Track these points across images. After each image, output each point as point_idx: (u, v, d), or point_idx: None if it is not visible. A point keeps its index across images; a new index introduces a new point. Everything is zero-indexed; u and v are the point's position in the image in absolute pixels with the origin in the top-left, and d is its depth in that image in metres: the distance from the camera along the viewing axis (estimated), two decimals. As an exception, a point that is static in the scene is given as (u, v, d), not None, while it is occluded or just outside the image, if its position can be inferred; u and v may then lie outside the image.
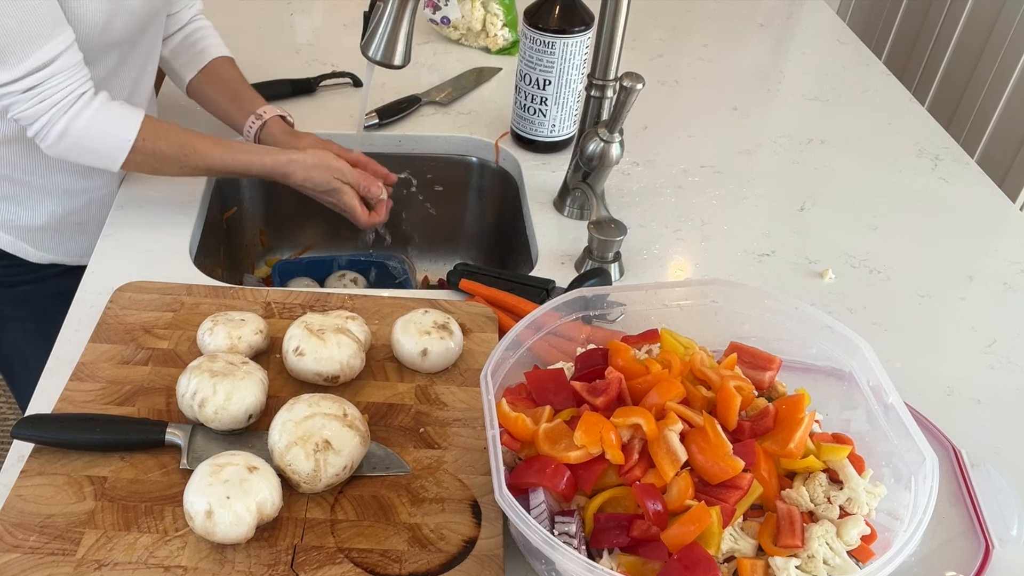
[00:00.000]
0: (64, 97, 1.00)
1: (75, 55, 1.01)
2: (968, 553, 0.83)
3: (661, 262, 1.17)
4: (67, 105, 1.01)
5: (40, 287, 1.28)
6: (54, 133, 1.02)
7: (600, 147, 1.14)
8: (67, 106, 1.01)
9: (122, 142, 1.05)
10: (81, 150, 1.05)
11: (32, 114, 1.00)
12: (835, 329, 0.82)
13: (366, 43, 1.08)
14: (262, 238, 1.47)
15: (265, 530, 0.77)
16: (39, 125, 1.01)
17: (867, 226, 1.27)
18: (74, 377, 0.90)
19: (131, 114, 1.07)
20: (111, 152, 1.06)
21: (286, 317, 1.00)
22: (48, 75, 0.98)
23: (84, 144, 1.04)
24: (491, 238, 1.48)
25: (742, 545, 0.70)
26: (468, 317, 1.01)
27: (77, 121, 1.02)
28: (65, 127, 1.02)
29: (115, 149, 1.06)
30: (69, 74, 1.00)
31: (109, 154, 1.06)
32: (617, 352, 0.81)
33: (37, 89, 0.99)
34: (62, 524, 0.76)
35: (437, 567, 0.76)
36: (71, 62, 1.00)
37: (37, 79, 0.98)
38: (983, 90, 1.89)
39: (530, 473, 0.73)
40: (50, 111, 1.00)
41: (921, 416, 0.95)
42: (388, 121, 1.40)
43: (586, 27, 1.24)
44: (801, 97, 1.60)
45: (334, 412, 0.81)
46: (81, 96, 1.02)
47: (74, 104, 1.01)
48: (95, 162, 1.08)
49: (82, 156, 1.07)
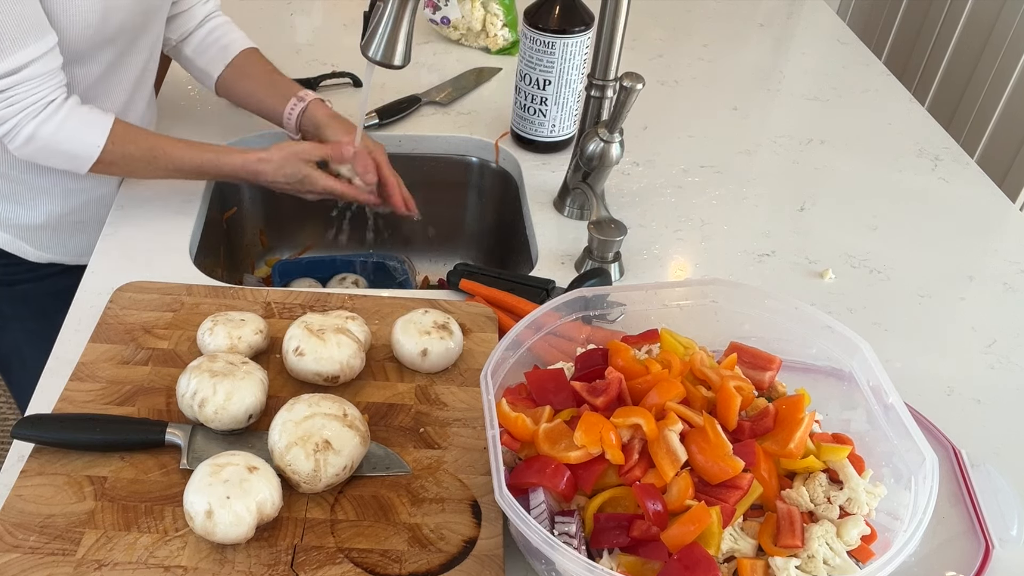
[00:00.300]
0: (34, 103, 1.01)
1: (52, 60, 1.01)
2: (968, 553, 0.83)
3: (661, 262, 1.17)
4: (36, 110, 1.02)
5: (39, 286, 1.28)
6: (21, 136, 1.03)
7: (600, 147, 1.14)
8: (36, 111, 1.02)
9: (91, 147, 1.06)
10: (49, 153, 1.06)
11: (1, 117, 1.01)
12: (835, 329, 0.82)
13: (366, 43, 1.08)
14: (262, 238, 1.47)
15: (265, 530, 0.77)
16: (7, 128, 1.02)
17: (867, 226, 1.27)
18: (74, 377, 0.90)
19: (100, 119, 1.07)
20: (80, 156, 1.07)
21: (286, 317, 1.00)
22: (19, 80, 0.99)
23: (52, 148, 1.05)
24: (491, 238, 1.48)
25: (742, 545, 0.70)
26: (468, 317, 1.01)
27: (45, 126, 1.03)
28: (33, 131, 1.03)
29: (84, 154, 1.07)
30: (41, 80, 1.01)
31: (78, 158, 1.07)
32: (617, 352, 0.81)
33: (7, 93, 0.99)
34: (62, 524, 0.76)
35: (437, 567, 0.76)
36: (46, 68, 1.01)
37: (8, 83, 0.99)
38: (983, 90, 1.89)
39: (530, 473, 0.73)
40: (18, 115, 1.01)
41: (921, 416, 0.95)
42: (388, 121, 1.40)
43: (586, 27, 1.24)
44: (801, 97, 1.60)
45: (334, 412, 0.81)
46: (51, 103, 1.03)
47: (43, 110, 1.02)
48: (64, 165, 1.08)
49: (50, 159, 1.08)
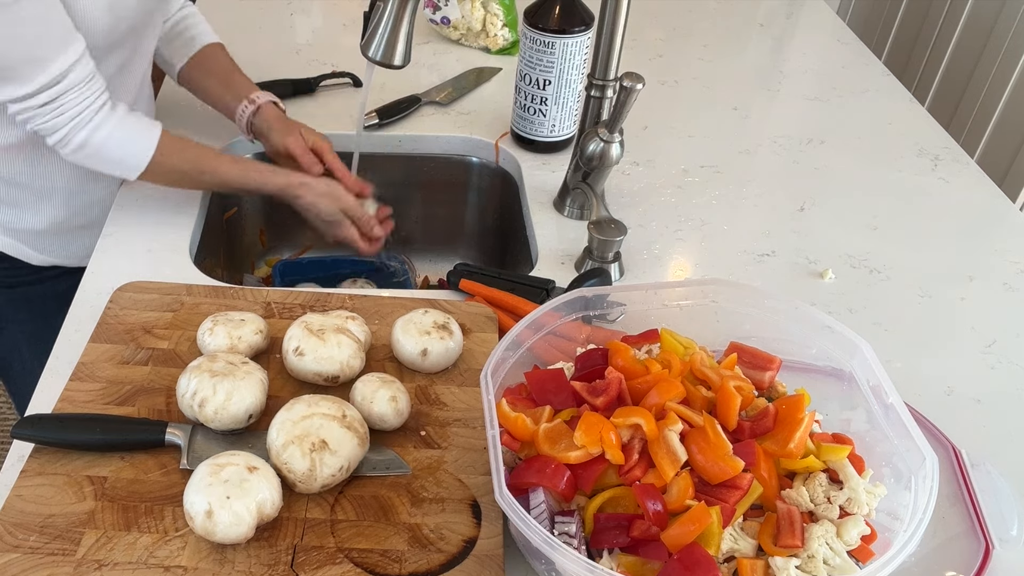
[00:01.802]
0: (84, 109, 1.01)
1: (88, 64, 1.01)
2: (968, 553, 0.83)
3: (661, 262, 1.17)
4: (88, 117, 1.01)
5: (39, 288, 1.28)
6: (74, 143, 1.03)
7: (600, 147, 1.14)
8: (88, 118, 1.01)
9: (141, 156, 1.06)
10: (100, 160, 1.06)
11: (52, 126, 1.01)
12: (835, 329, 0.82)
13: (366, 43, 1.08)
14: (262, 238, 1.47)
15: (265, 530, 0.77)
16: (58, 136, 1.02)
17: (867, 226, 1.27)
18: (74, 377, 0.90)
19: (150, 128, 1.08)
20: (130, 164, 1.07)
21: (286, 317, 1.00)
22: (64, 88, 0.99)
23: (104, 155, 1.05)
24: (491, 238, 1.48)
25: (742, 545, 0.70)
26: (468, 317, 1.01)
27: (97, 133, 1.03)
28: (85, 138, 1.02)
29: (134, 162, 1.07)
30: (84, 86, 1.00)
31: (128, 166, 1.07)
32: (617, 352, 0.81)
33: (56, 103, 0.99)
34: (62, 524, 0.76)
35: (437, 567, 0.76)
36: (85, 72, 1.00)
37: (53, 93, 0.98)
38: (983, 90, 1.89)
39: (530, 473, 0.73)
40: (70, 123, 1.01)
41: (921, 416, 0.95)
42: (388, 121, 1.40)
43: (586, 27, 1.24)
44: (801, 97, 1.60)
45: (333, 413, 0.81)
46: (101, 108, 1.02)
47: (95, 116, 1.02)
48: (113, 171, 1.09)
49: (100, 165, 1.08)
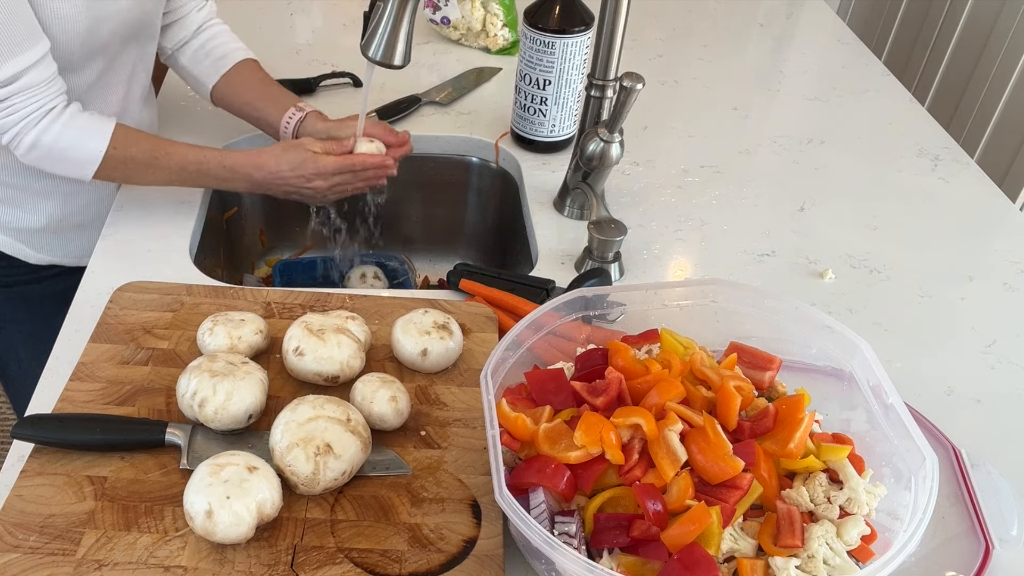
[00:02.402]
0: (34, 111, 1.01)
1: (47, 67, 1.01)
2: (968, 553, 0.83)
3: (661, 262, 1.17)
4: (37, 119, 1.02)
5: (37, 288, 1.28)
6: (24, 144, 1.03)
7: (600, 147, 1.14)
8: (37, 119, 1.02)
9: (94, 152, 1.06)
10: (53, 160, 1.06)
11: (2, 126, 1.01)
12: (835, 329, 0.82)
13: (366, 43, 1.08)
14: (262, 238, 1.47)
15: (265, 530, 0.77)
16: (10, 136, 1.02)
17: (867, 226, 1.27)
18: (74, 377, 0.90)
19: (102, 124, 1.07)
20: (83, 162, 1.07)
21: (286, 317, 1.00)
22: (18, 89, 0.99)
23: (56, 155, 1.05)
24: (491, 238, 1.48)
25: (742, 545, 0.70)
26: (468, 317, 1.01)
27: (47, 134, 1.03)
28: (35, 139, 1.03)
29: (87, 160, 1.06)
30: (40, 88, 1.01)
31: (81, 164, 1.07)
32: (617, 352, 0.81)
33: (8, 102, 0.99)
34: (62, 524, 0.76)
35: (437, 567, 0.76)
36: (42, 75, 1.00)
37: (6, 92, 0.98)
38: (983, 90, 1.89)
39: (530, 473, 0.73)
40: (20, 124, 1.01)
41: (921, 416, 0.95)
42: (388, 121, 1.40)
43: (586, 27, 1.24)
44: (801, 97, 1.60)
45: (338, 416, 0.81)
46: (51, 110, 1.02)
47: (43, 118, 1.02)
48: (68, 172, 1.08)
49: (55, 166, 1.07)
